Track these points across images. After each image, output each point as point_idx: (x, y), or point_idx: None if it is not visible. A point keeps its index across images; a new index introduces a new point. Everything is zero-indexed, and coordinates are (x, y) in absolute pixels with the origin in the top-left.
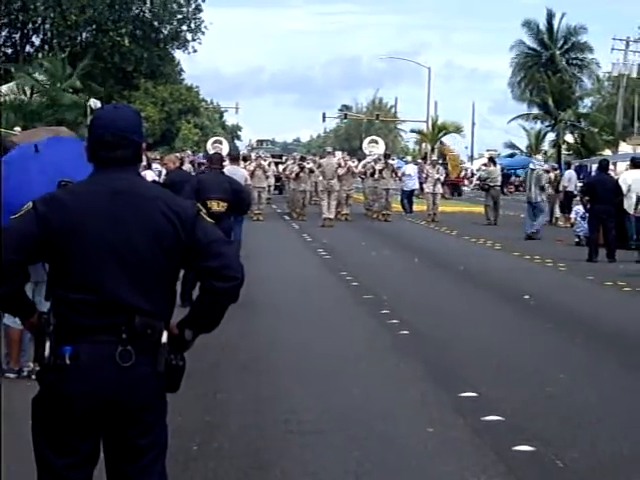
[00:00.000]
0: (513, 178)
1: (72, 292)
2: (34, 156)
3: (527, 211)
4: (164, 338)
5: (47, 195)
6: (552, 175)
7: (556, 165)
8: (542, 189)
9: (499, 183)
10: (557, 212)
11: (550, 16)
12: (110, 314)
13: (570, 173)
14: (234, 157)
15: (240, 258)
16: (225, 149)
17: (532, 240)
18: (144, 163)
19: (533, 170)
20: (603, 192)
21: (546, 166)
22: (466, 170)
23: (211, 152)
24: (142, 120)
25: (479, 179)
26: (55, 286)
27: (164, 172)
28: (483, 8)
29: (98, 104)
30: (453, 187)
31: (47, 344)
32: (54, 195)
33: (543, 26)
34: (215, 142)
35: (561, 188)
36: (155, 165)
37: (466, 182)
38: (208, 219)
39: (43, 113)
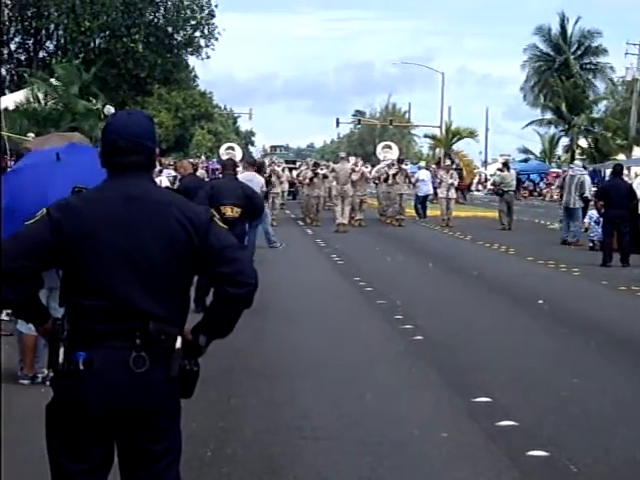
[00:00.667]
0: (527, 183)
1: (86, 298)
2: (55, 163)
3: (564, 217)
4: (178, 344)
5: (61, 201)
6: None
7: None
8: (582, 196)
9: (513, 188)
10: None
11: (563, 20)
12: (124, 320)
13: (584, 177)
14: (250, 163)
15: (253, 263)
16: (238, 155)
17: (567, 245)
18: (157, 169)
19: (573, 176)
20: (617, 197)
21: (586, 172)
22: (480, 175)
23: (224, 158)
24: (155, 126)
25: (493, 184)
26: (69, 292)
27: (178, 177)
28: (495, 13)
29: (112, 110)
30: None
31: (61, 350)
32: (68, 201)
33: (556, 30)
34: (228, 148)
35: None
36: (168, 171)
37: (480, 187)
38: (222, 225)
39: (61, 122)
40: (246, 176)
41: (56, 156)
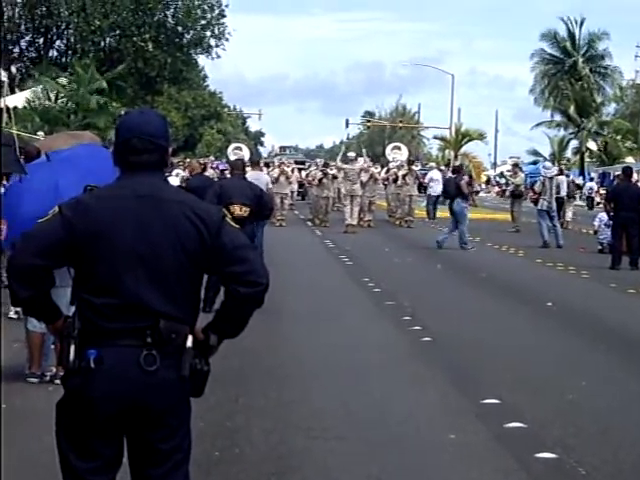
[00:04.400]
0: (538, 185)
1: (97, 296)
2: (46, 164)
3: (542, 220)
4: (189, 342)
5: (73, 200)
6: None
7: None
8: (568, 196)
9: (523, 190)
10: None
11: (572, 23)
12: (135, 318)
13: (561, 179)
14: (255, 162)
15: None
16: (246, 155)
17: (548, 248)
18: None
19: (552, 179)
20: (627, 199)
21: (555, 169)
22: (489, 177)
23: (232, 158)
24: (168, 125)
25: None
26: (80, 290)
27: (186, 177)
28: (506, 15)
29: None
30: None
31: (72, 348)
32: (80, 200)
33: (564, 33)
34: (235, 148)
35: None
36: (177, 170)
37: (489, 188)
38: (234, 224)
39: (71, 118)
40: (252, 175)
41: (46, 157)
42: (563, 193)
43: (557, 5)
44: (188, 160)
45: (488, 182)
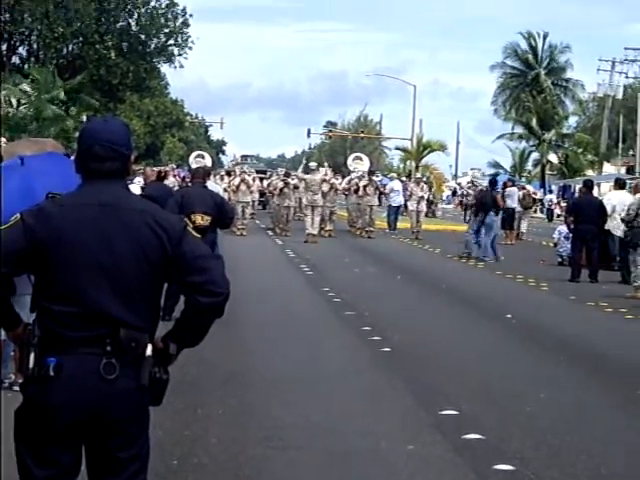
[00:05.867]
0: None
1: (57, 304)
2: (20, 168)
3: (474, 231)
4: (148, 351)
5: (34, 207)
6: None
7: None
8: (524, 207)
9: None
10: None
11: (534, 37)
12: (95, 326)
13: (512, 190)
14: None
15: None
16: (208, 163)
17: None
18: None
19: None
20: (587, 212)
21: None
22: (455, 188)
23: (193, 166)
24: (131, 133)
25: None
26: (40, 298)
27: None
28: (470, 27)
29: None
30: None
31: (32, 355)
32: (41, 207)
33: (527, 45)
34: (197, 156)
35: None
36: (139, 178)
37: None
38: (195, 234)
39: (28, 126)
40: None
41: (20, 161)
42: (514, 204)
43: (520, 18)
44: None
45: (455, 193)
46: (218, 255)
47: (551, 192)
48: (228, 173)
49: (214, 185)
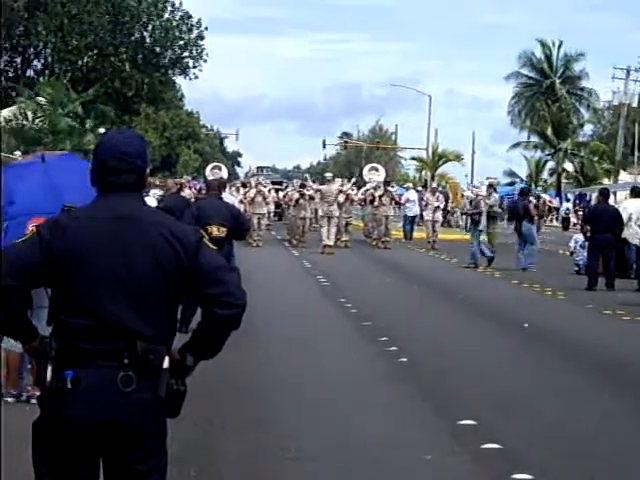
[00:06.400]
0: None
1: (74, 317)
2: (42, 165)
3: (477, 239)
4: (166, 363)
5: (50, 220)
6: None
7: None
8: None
9: (499, 211)
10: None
11: (548, 45)
12: (112, 339)
13: (494, 196)
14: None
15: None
16: (224, 175)
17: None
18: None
19: (487, 197)
20: (604, 221)
21: (483, 190)
22: (468, 198)
23: (210, 178)
24: (146, 145)
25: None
26: (57, 311)
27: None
28: (485, 36)
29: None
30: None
31: (49, 368)
32: (58, 220)
33: (542, 54)
34: (214, 168)
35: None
36: (154, 190)
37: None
38: (211, 245)
39: (44, 140)
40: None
41: (41, 159)
42: (495, 208)
43: (534, 26)
44: (160, 181)
45: (471, 203)
46: (234, 267)
47: (567, 201)
48: (244, 185)
49: (229, 197)
